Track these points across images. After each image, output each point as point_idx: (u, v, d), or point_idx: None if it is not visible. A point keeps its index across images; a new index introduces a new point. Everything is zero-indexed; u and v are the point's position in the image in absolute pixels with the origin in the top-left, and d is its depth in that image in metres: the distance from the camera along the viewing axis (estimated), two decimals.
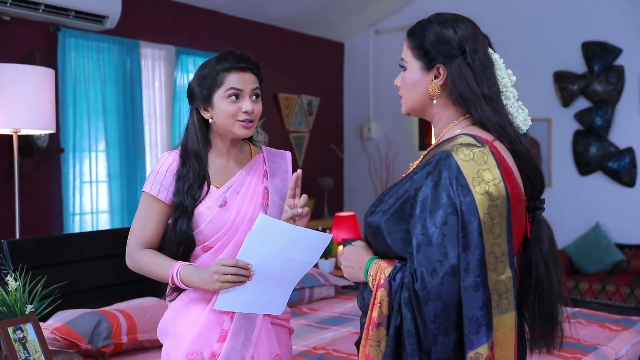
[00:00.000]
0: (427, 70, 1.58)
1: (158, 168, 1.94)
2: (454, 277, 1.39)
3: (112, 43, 4.41)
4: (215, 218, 1.90)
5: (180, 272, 1.85)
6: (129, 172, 4.57)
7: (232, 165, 1.99)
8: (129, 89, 4.53)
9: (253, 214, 1.92)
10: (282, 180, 2.01)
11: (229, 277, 1.77)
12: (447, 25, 1.60)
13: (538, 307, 1.57)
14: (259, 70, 1.95)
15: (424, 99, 1.61)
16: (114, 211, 4.56)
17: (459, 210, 1.41)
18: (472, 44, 1.58)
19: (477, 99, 1.55)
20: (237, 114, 1.89)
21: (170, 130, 4.83)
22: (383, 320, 1.48)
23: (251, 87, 1.92)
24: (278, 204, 1.97)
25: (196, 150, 1.93)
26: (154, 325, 2.84)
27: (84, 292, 3.08)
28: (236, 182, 1.96)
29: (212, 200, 1.92)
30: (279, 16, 5.71)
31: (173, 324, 1.94)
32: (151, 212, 1.93)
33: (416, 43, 1.60)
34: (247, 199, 1.94)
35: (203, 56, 5.02)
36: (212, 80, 1.91)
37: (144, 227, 1.94)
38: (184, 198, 1.89)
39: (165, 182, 1.92)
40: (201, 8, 5.07)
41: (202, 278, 1.82)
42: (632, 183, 5.44)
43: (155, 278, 1.92)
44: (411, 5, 6.20)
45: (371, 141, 6.51)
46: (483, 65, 1.58)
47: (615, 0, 5.43)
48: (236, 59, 1.91)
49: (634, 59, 5.40)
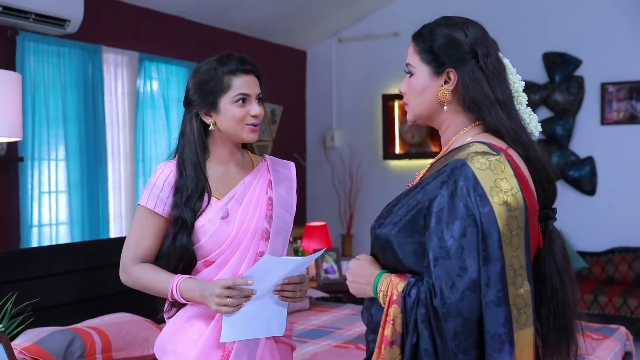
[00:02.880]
0: (436, 75, 1.52)
1: (155, 180, 1.84)
2: (474, 292, 1.33)
3: (73, 48, 4.24)
4: (217, 231, 1.81)
5: (180, 285, 1.76)
6: (90, 182, 4.39)
7: (233, 173, 1.90)
8: (91, 96, 4.36)
9: (257, 226, 1.84)
10: (287, 190, 1.93)
11: (228, 301, 1.68)
12: (457, 28, 1.55)
13: (553, 320, 1.53)
14: (259, 74, 1.89)
15: (433, 105, 1.55)
16: (74, 223, 4.37)
17: (479, 222, 1.35)
18: (483, 47, 1.54)
19: (491, 104, 1.50)
20: (245, 118, 1.82)
21: (134, 139, 4.67)
22: (396, 338, 1.42)
23: (257, 92, 1.86)
24: (282, 216, 1.88)
25: (194, 159, 1.83)
26: (130, 343, 2.73)
27: (52, 309, 2.93)
28: (238, 192, 1.87)
29: (213, 212, 1.82)
30: (243, 23, 5.63)
31: (172, 340, 1.83)
32: (147, 225, 1.83)
33: (424, 47, 1.54)
34: (250, 210, 1.85)
35: (166, 62, 4.89)
36: (216, 84, 1.82)
37: (140, 241, 1.84)
38: (183, 211, 1.79)
39: (163, 194, 1.82)
40: (164, 14, 4.95)
41: (203, 294, 1.72)
42: (593, 192, 5.54)
43: (152, 293, 1.83)
44: (374, 15, 6.20)
45: (334, 150, 6.47)
46: (496, 70, 1.53)
47: (574, 12, 5.54)
48: (240, 61, 1.84)
49: (593, 70, 5.51)
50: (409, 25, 4.47)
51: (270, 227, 1.85)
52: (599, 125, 5.53)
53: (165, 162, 1.88)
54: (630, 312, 4.86)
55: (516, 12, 5.66)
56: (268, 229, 1.85)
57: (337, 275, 4.75)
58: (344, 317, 3.65)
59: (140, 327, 2.84)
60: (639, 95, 5.39)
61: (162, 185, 1.83)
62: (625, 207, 5.43)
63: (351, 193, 6.24)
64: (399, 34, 5.99)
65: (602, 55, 5.45)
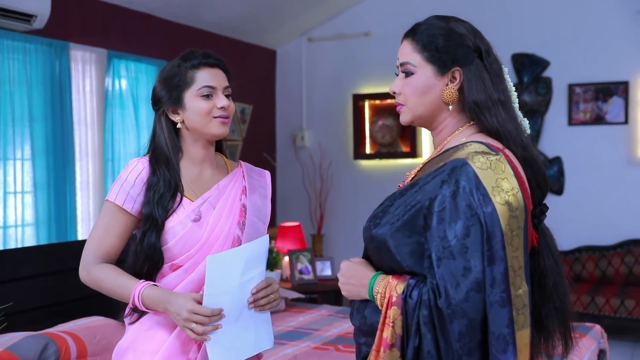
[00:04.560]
0: (440, 74, 1.50)
1: (126, 175, 1.77)
2: (479, 292, 1.31)
3: (40, 44, 4.11)
4: (187, 234, 1.74)
5: (143, 293, 1.68)
6: (57, 182, 4.27)
7: (207, 176, 1.84)
8: (58, 94, 4.24)
9: (229, 232, 1.77)
10: (261, 198, 1.87)
11: (194, 327, 1.61)
12: (458, 25, 1.52)
13: (555, 314, 1.52)
14: (227, 68, 1.84)
15: (436, 106, 1.51)
16: (40, 224, 4.24)
17: (483, 221, 1.33)
18: (485, 44, 1.53)
19: (493, 104, 1.48)
20: (211, 111, 1.76)
21: (102, 138, 4.56)
22: (396, 340, 1.39)
23: (223, 85, 1.80)
24: (255, 224, 1.82)
25: (166, 157, 1.77)
26: (106, 347, 2.65)
27: (22, 314, 2.83)
28: (212, 196, 1.80)
29: (185, 214, 1.76)
30: (213, 21, 5.55)
31: (133, 349, 1.75)
32: (114, 222, 1.75)
33: (428, 45, 1.49)
34: (223, 214, 1.79)
35: (136, 60, 4.79)
36: (180, 79, 1.77)
37: (104, 238, 1.75)
38: (155, 209, 1.72)
39: (134, 191, 1.75)
40: (134, 10, 4.85)
41: (168, 309, 1.65)
42: (561, 191, 5.62)
43: (113, 296, 1.74)
44: (344, 15, 6.18)
45: (304, 150, 6.43)
46: (498, 68, 1.52)
47: (543, 14, 5.61)
48: (203, 55, 1.79)
49: (560, 71, 5.59)
50: (379, 25, 4.53)
51: (242, 234, 1.79)
52: (566, 125, 5.61)
53: (138, 158, 1.81)
54: (597, 309, 4.94)
55: (485, 14, 5.70)
56: (240, 236, 1.79)
57: (312, 275, 4.72)
58: (321, 318, 3.62)
59: (116, 331, 2.76)
60: (604, 96, 5.48)
61: (134, 181, 1.76)
62: (592, 206, 5.52)
63: (321, 193, 6.22)
64: (369, 34, 5.98)
65: (569, 56, 5.53)
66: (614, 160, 5.45)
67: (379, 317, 1.44)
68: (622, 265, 5.34)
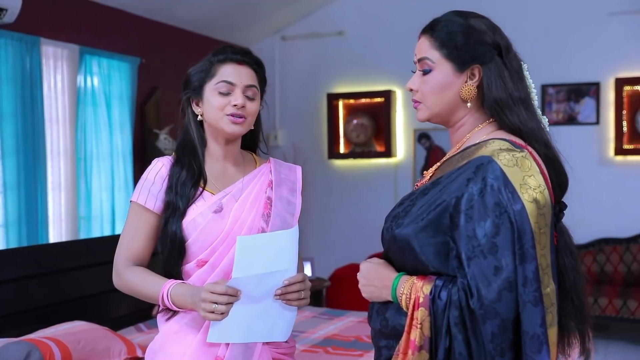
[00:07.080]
0: (459, 71, 1.46)
1: (146, 175, 1.76)
2: (510, 292, 1.28)
3: (9, 39, 3.95)
4: (208, 225, 1.70)
5: (172, 291, 1.64)
6: (27, 182, 4.11)
7: (232, 172, 1.81)
8: (29, 91, 4.08)
9: (252, 223, 1.73)
10: (289, 191, 1.82)
11: (215, 307, 1.55)
12: (477, 22, 1.49)
13: (574, 312, 1.49)
14: (260, 69, 1.79)
15: (455, 103, 1.48)
16: (10, 225, 4.07)
17: (513, 219, 1.30)
18: (504, 41, 1.50)
19: (515, 103, 1.46)
20: (224, 108, 1.73)
21: (74, 137, 4.42)
22: (425, 342, 1.35)
23: (245, 83, 1.75)
24: (281, 216, 1.77)
25: (192, 144, 1.76)
26: (90, 354, 2.55)
27: (2, 319, 2.70)
28: (235, 190, 1.77)
29: (206, 206, 1.73)
30: (186, 18, 5.45)
31: (163, 351, 1.72)
32: (140, 223, 1.73)
33: (446, 42, 1.46)
34: (247, 206, 1.75)
35: (108, 57, 4.65)
36: (204, 71, 1.76)
37: (133, 240, 1.73)
38: (176, 196, 1.70)
39: (154, 188, 1.73)
40: (106, 6, 4.71)
41: (194, 300, 1.61)
42: None
43: (144, 299, 1.71)
44: (318, 13, 6.12)
45: (278, 149, 6.36)
46: (518, 65, 1.50)
47: (515, 15, 5.65)
48: (233, 51, 1.77)
49: (533, 72, 5.52)
50: (353, 24, 4.48)
51: (268, 226, 1.75)
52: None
53: (160, 157, 1.81)
54: None
55: None
56: (265, 228, 1.75)
57: None
58: (305, 320, 3.56)
59: (100, 336, 2.66)
60: (577, 97, 5.55)
61: (154, 179, 1.76)
62: None
63: None
64: (343, 33, 5.94)
65: (542, 57, 5.58)
66: (585, 160, 5.51)
67: (402, 319, 1.40)
68: (594, 264, 5.42)
